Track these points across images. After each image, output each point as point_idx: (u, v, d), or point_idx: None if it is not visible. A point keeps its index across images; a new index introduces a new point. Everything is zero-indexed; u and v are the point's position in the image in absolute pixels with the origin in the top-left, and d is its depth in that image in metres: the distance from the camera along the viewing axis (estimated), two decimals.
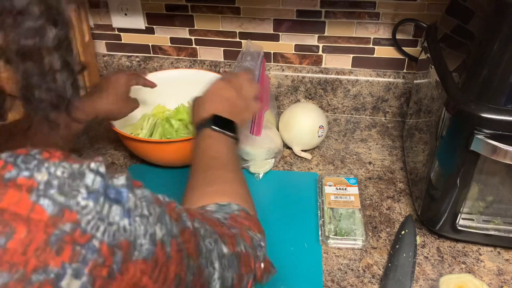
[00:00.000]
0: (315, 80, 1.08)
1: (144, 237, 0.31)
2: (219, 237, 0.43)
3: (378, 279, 0.72)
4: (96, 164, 0.31)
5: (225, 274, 0.42)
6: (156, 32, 1.11)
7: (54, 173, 0.29)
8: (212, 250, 0.41)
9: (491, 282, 0.72)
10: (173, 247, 0.34)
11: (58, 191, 0.28)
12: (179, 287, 0.34)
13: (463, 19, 0.70)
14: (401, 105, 1.08)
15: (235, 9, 1.03)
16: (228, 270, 0.43)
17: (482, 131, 0.63)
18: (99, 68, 1.15)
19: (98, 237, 0.28)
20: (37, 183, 0.28)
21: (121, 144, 1.02)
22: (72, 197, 0.28)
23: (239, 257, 0.45)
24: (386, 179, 0.92)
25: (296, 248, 0.77)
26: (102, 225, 0.29)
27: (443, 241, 0.78)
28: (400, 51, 1.03)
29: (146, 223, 0.32)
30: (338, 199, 0.84)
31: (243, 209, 0.53)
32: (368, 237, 0.79)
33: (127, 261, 0.30)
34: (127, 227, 0.30)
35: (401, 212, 0.84)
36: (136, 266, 0.30)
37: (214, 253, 0.41)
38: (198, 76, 1.05)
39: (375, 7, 0.99)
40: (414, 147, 0.87)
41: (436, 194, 0.74)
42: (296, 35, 1.05)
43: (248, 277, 0.47)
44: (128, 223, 0.30)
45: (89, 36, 1.09)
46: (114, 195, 0.30)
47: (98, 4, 1.08)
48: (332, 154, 0.99)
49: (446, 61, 0.72)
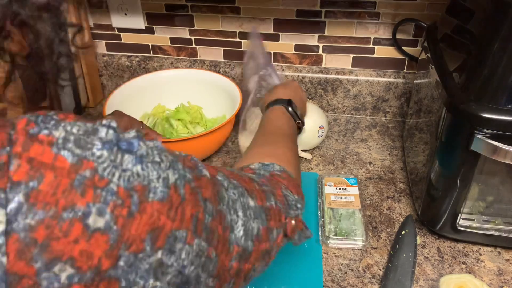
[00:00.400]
0: (315, 80, 1.08)
1: (158, 181, 0.34)
2: (246, 191, 0.45)
3: (378, 279, 0.72)
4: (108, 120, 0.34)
5: (249, 224, 0.43)
6: (156, 32, 1.11)
7: (70, 130, 0.32)
8: (235, 200, 0.43)
9: (491, 282, 0.71)
10: (187, 190, 0.36)
11: (75, 144, 0.31)
12: (198, 225, 0.36)
13: (463, 19, 0.70)
14: (401, 105, 1.08)
15: (235, 9, 1.03)
16: (254, 220, 0.44)
17: (482, 131, 0.63)
18: (99, 68, 1.15)
19: (115, 182, 0.31)
20: (56, 139, 0.31)
21: None
22: (88, 149, 0.31)
23: (268, 210, 0.47)
24: (386, 179, 0.92)
25: (296, 248, 0.77)
26: (117, 171, 0.32)
27: (443, 241, 0.78)
28: (400, 51, 1.03)
29: (158, 168, 0.34)
30: (338, 199, 0.84)
31: (286, 170, 0.57)
32: (368, 237, 0.79)
33: (144, 202, 0.32)
34: (140, 172, 0.33)
35: (401, 212, 0.84)
36: (152, 206, 0.33)
37: (238, 203, 0.43)
38: (198, 76, 1.06)
39: (375, 7, 0.99)
40: (414, 147, 0.87)
41: (436, 194, 0.74)
42: (296, 35, 1.05)
43: (278, 231, 0.49)
44: (140, 169, 0.33)
45: (89, 36, 1.09)
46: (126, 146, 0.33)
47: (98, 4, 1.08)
48: (332, 154, 0.99)
49: (446, 61, 0.72)
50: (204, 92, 1.05)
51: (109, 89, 1.18)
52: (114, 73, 1.16)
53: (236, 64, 1.10)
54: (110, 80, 1.17)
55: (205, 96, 1.04)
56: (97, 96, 1.16)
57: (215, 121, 1.03)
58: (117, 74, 1.16)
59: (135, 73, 1.14)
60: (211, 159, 0.97)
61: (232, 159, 0.97)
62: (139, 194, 0.32)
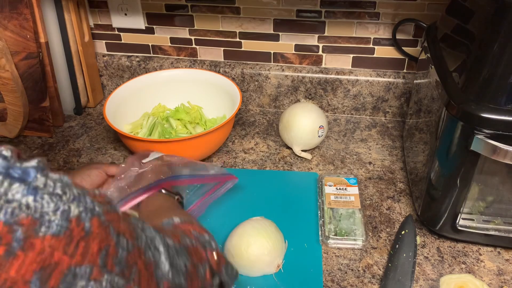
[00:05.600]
0: (315, 80, 1.08)
1: (55, 214, 0.31)
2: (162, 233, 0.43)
3: (378, 279, 0.72)
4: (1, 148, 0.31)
5: (174, 259, 0.42)
6: (156, 32, 1.11)
7: None
8: (153, 237, 0.40)
9: (491, 282, 0.71)
10: (95, 223, 0.33)
11: None
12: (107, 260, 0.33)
13: (463, 19, 0.70)
14: (401, 105, 1.08)
15: (235, 9, 1.03)
16: (178, 257, 0.43)
17: (482, 131, 0.63)
18: (99, 68, 1.15)
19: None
20: None
21: (121, 144, 1.02)
22: None
23: (187, 248, 0.45)
24: (386, 179, 0.92)
25: (296, 248, 0.77)
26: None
27: (443, 241, 0.78)
28: (400, 51, 1.03)
29: (58, 200, 0.31)
30: (338, 199, 0.84)
31: (186, 220, 0.54)
32: (368, 237, 0.79)
33: (31, 237, 0.29)
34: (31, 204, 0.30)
35: (401, 212, 0.84)
36: (44, 242, 0.30)
37: (157, 239, 0.41)
38: (198, 76, 1.06)
39: (375, 7, 0.99)
40: (414, 147, 0.87)
41: (436, 194, 0.74)
42: (296, 35, 1.05)
43: (204, 267, 0.47)
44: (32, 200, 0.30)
45: (89, 36, 1.09)
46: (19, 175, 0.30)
47: (98, 4, 1.08)
48: (332, 154, 0.99)
49: (446, 61, 0.72)
50: (204, 92, 1.05)
51: (109, 89, 1.18)
52: (114, 73, 1.16)
53: (236, 64, 1.10)
54: (110, 80, 1.17)
55: (205, 96, 1.05)
56: (97, 96, 1.16)
57: (215, 121, 1.03)
58: (117, 74, 1.16)
59: (135, 73, 1.14)
60: (211, 159, 0.97)
61: (232, 159, 0.97)
62: (25, 228, 0.29)
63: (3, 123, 1.02)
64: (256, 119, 1.10)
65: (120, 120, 0.95)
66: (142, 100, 1.03)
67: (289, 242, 0.77)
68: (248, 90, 1.12)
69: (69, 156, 0.99)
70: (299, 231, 0.80)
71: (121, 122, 0.95)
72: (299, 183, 0.91)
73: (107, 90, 1.19)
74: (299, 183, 0.91)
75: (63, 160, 0.98)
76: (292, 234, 0.78)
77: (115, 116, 0.93)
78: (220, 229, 0.78)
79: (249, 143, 1.02)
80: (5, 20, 0.93)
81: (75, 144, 1.03)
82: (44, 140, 1.04)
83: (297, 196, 0.88)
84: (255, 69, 1.09)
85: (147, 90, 1.04)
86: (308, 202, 0.86)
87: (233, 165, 0.96)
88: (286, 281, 0.71)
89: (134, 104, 1.01)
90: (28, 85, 0.98)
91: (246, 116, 1.11)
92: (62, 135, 1.06)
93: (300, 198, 0.87)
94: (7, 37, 0.94)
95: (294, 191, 0.89)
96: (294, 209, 0.85)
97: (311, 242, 0.78)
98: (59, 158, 0.98)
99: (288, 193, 0.89)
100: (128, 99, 1.00)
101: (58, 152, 1.00)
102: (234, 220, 0.77)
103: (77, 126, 1.09)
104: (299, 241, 0.78)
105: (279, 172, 0.94)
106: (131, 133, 0.95)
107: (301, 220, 0.82)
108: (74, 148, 1.01)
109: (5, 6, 0.92)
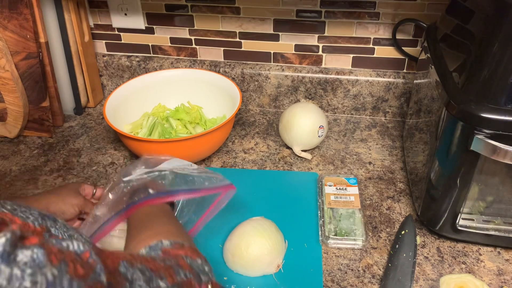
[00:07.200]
0: (315, 80, 1.08)
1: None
2: (153, 273, 0.42)
3: (378, 279, 0.72)
4: None
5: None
6: (156, 32, 1.11)
7: None
8: None
9: (491, 282, 0.71)
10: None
11: None
12: None
13: (463, 19, 0.70)
14: (401, 105, 1.08)
15: (235, 9, 1.03)
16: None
17: (482, 131, 0.63)
18: (99, 68, 1.15)
19: None
20: None
21: (121, 145, 1.02)
22: None
23: (181, 285, 0.45)
24: (386, 179, 0.92)
25: (296, 248, 0.77)
26: None
27: (443, 241, 0.78)
28: (400, 51, 1.03)
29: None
30: (338, 199, 0.84)
31: (176, 242, 0.52)
32: (368, 237, 0.79)
33: None
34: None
35: (401, 212, 0.84)
36: None
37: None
38: (198, 76, 1.06)
39: (375, 7, 0.99)
40: (414, 147, 0.87)
41: (436, 194, 0.74)
42: (296, 35, 1.05)
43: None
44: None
45: (89, 36, 1.09)
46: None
47: (98, 4, 1.08)
48: (332, 154, 0.99)
49: (446, 61, 0.72)
50: (204, 92, 1.05)
51: (109, 89, 1.18)
52: (114, 73, 1.16)
53: (236, 64, 1.10)
54: (110, 80, 1.17)
55: (205, 96, 1.05)
56: (97, 96, 1.16)
57: (215, 121, 1.03)
58: (117, 74, 1.16)
59: (135, 73, 1.14)
60: (211, 159, 0.97)
61: (232, 159, 0.97)
62: None
63: (3, 123, 1.02)
64: (256, 119, 1.10)
65: (120, 120, 0.95)
66: (142, 100, 1.03)
67: (289, 242, 0.77)
68: (248, 90, 1.12)
69: (69, 156, 0.99)
70: (299, 231, 0.80)
71: (121, 122, 0.95)
72: (299, 183, 0.91)
73: (107, 90, 1.19)
74: (299, 183, 0.91)
75: (63, 160, 0.98)
76: (292, 234, 0.78)
77: (115, 116, 0.93)
78: (220, 229, 0.78)
79: (249, 143, 1.02)
80: (5, 20, 0.93)
81: (75, 144, 1.03)
82: (44, 140, 1.04)
83: (297, 196, 0.88)
84: (255, 69, 1.09)
85: (147, 90, 1.04)
86: (308, 202, 0.86)
87: (233, 165, 0.96)
88: (286, 281, 0.71)
89: (134, 104, 1.01)
90: (28, 85, 0.99)
91: (246, 116, 1.11)
92: (62, 135, 1.06)
93: (300, 198, 0.87)
94: (7, 37, 0.94)
95: (294, 191, 0.89)
96: (294, 209, 0.85)
97: (311, 242, 0.78)
98: (59, 158, 0.98)
99: (288, 193, 0.89)
100: (128, 99, 1.00)
101: (58, 152, 1.00)
102: (234, 220, 0.77)
103: (77, 126, 1.09)
104: (299, 241, 0.78)
105: (279, 172, 0.94)
106: (131, 133, 0.95)
107: (301, 220, 0.82)
108: (74, 148, 1.01)
109: (5, 6, 0.92)
